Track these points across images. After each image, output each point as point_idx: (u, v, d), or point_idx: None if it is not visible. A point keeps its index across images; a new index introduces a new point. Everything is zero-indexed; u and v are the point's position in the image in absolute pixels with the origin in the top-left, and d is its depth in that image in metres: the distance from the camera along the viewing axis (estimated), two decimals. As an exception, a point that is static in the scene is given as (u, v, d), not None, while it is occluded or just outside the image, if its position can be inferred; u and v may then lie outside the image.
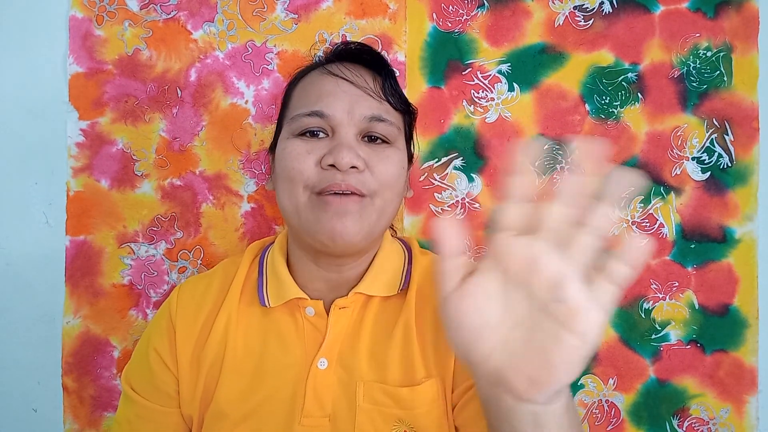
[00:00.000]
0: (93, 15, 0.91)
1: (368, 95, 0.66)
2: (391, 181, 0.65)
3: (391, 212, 0.67)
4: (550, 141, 0.92)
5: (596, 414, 0.91)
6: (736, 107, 0.91)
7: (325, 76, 0.68)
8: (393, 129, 0.67)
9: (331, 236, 0.62)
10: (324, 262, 0.68)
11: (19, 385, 0.92)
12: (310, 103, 0.66)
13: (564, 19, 0.92)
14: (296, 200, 0.64)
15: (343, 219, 0.62)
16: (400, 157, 0.67)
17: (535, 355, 0.39)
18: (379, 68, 0.69)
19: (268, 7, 0.92)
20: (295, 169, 0.64)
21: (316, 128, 0.65)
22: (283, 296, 0.68)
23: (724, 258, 0.91)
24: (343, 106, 0.65)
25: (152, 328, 0.72)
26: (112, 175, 0.92)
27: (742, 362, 0.90)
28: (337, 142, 0.64)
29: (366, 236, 0.64)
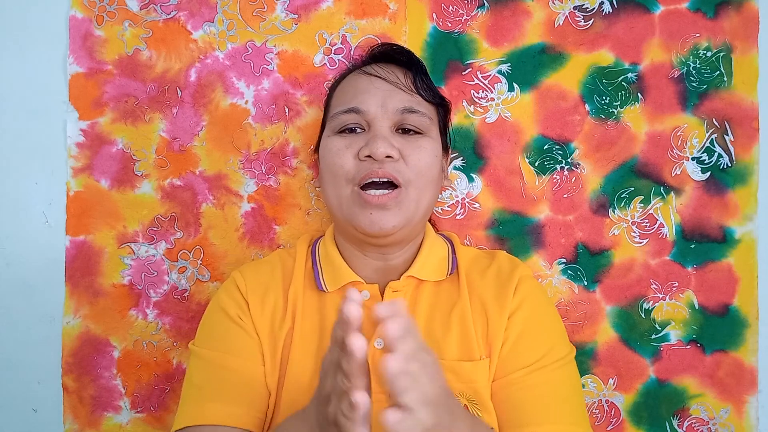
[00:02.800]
0: (93, 15, 0.91)
1: (400, 89, 0.71)
2: (425, 170, 0.70)
3: (429, 200, 0.72)
4: (550, 141, 0.92)
5: (596, 414, 0.91)
6: (736, 107, 0.91)
7: (360, 75, 0.74)
8: (425, 120, 0.71)
9: (371, 229, 0.67)
10: (370, 251, 0.73)
11: (19, 385, 0.92)
12: (347, 101, 0.72)
13: (564, 19, 0.92)
14: (340, 194, 0.70)
15: (382, 213, 0.67)
16: (433, 146, 0.71)
17: None
18: (410, 64, 0.74)
19: (268, 7, 0.92)
20: (337, 164, 0.69)
21: (353, 124, 0.71)
22: (339, 281, 0.72)
23: (724, 258, 0.91)
24: (376, 101, 0.70)
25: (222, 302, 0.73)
26: (112, 175, 0.92)
27: (742, 362, 0.90)
28: (372, 134, 0.69)
29: (405, 225, 0.69)
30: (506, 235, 0.92)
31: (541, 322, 0.71)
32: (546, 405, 0.65)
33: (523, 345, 0.69)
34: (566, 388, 0.68)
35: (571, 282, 0.92)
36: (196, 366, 0.70)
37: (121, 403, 0.91)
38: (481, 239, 0.92)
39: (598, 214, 0.92)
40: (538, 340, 0.69)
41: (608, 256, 0.91)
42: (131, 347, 0.91)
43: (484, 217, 0.92)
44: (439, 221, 0.92)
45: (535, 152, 0.92)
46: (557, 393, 0.67)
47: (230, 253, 0.92)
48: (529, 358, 0.68)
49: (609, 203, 0.92)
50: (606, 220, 0.92)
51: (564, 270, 0.92)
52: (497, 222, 0.92)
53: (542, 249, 0.92)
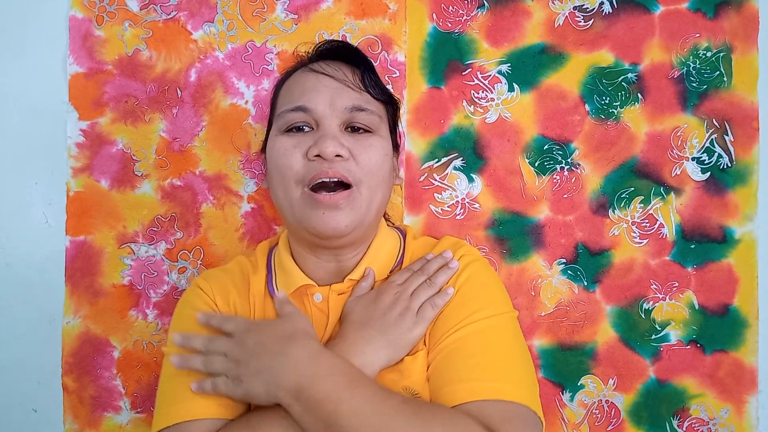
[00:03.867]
0: (93, 15, 0.91)
1: (348, 87, 0.70)
2: (375, 169, 0.69)
3: (380, 200, 0.71)
4: (550, 141, 0.92)
5: (596, 414, 0.91)
6: (736, 107, 0.91)
7: (306, 73, 0.72)
8: (374, 118, 0.70)
9: (324, 229, 0.66)
10: (322, 253, 0.72)
11: (19, 385, 0.92)
12: (294, 100, 0.70)
13: (564, 19, 0.92)
14: (290, 195, 0.68)
15: (334, 213, 0.66)
16: (383, 144, 0.71)
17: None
18: (357, 62, 0.73)
19: (268, 8, 0.92)
20: (285, 164, 0.68)
21: (301, 123, 0.69)
22: (291, 285, 0.71)
23: (724, 258, 0.91)
24: (324, 100, 0.69)
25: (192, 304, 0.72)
26: (112, 175, 0.92)
27: (742, 362, 0.90)
28: (321, 133, 0.68)
29: (357, 226, 0.68)
30: (506, 236, 0.92)
31: (470, 289, 0.69)
32: (465, 362, 0.63)
33: (448, 312, 0.67)
34: (494, 344, 0.64)
35: (571, 282, 0.92)
36: (167, 364, 0.69)
37: (121, 403, 0.91)
38: (481, 239, 0.92)
39: (598, 215, 0.92)
40: (464, 304, 0.67)
41: (608, 257, 0.91)
42: (131, 347, 0.91)
43: (484, 217, 0.92)
44: (440, 221, 0.92)
45: (535, 152, 0.92)
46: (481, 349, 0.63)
47: (230, 253, 0.92)
48: (453, 320, 0.66)
49: (609, 203, 0.92)
50: (606, 220, 0.92)
51: (564, 270, 0.92)
52: (497, 222, 0.92)
53: (542, 249, 0.92)
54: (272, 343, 0.61)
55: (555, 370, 0.91)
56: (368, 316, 0.66)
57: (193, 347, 0.65)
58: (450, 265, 0.70)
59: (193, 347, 0.65)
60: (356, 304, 0.69)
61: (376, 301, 0.68)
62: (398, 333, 0.65)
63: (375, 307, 0.67)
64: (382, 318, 0.65)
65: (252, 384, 0.60)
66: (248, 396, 0.61)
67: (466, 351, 0.64)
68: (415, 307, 0.66)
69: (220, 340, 0.64)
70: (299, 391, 0.57)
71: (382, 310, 0.66)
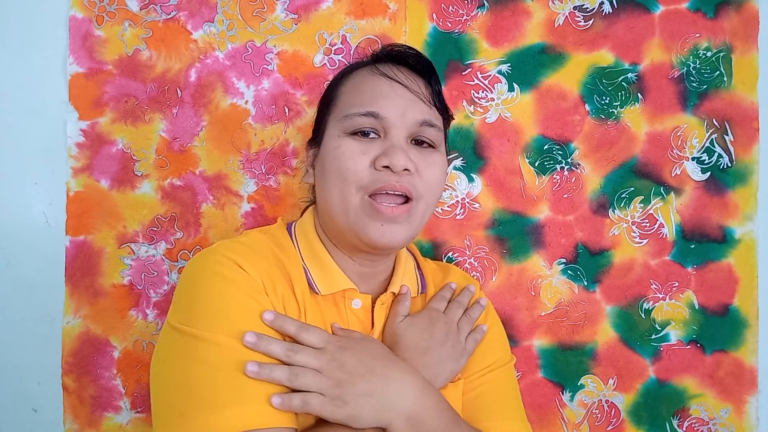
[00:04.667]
0: (93, 15, 0.91)
1: (420, 100, 0.68)
2: (436, 186, 0.69)
3: (430, 215, 0.71)
4: (550, 141, 0.92)
5: (596, 414, 0.91)
6: (736, 107, 0.91)
7: (378, 77, 0.69)
8: (439, 134, 0.70)
9: (381, 242, 0.65)
10: (360, 257, 0.71)
11: (19, 386, 0.92)
12: (365, 103, 0.67)
13: (564, 19, 0.92)
14: (347, 200, 0.65)
15: (392, 227, 0.65)
16: (443, 161, 0.71)
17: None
18: (429, 74, 0.71)
19: (268, 7, 0.92)
20: (350, 169, 0.65)
21: (369, 128, 0.67)
22: (334, 286, 0.69)
23: (724, 258, 0.91)
24: (397, 109, 0.66)
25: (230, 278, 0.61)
26: (112, 175, 0.92)
27: (742, 362, 0.90)
28: (390, 143, 0.66)
29: (410, 240, 0.68)
30: (506, 235, 0.92)
31: (498, 332, 0.78)
32: (496, 403, 0.71)
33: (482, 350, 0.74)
34: (512, 389, 0.75)
35: (571, 282, 0.92)
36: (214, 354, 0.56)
37: (121, 403, 0.91)
38: (481, 239, 0.92)
39: (598, 214, 0.92)
40: (494, 346, 0.76)
41: (608, 256, 0.91)
42: (131, 347, 0.91)
43: (484, 217, 0.92)
44: (439, 221, 0.92)
45: (535, 152, 0.92)
46: (506, 392, 0.73)
47: (230, 253, 0.92)
48: (487, 360, 0.73)
49: (609, 203, 0.92)
50: (606, 220, 0.92)
51: (564, 270, 0.92)
52: (497, 222, 0.92)
53: (542, 249, 0.92)
54: (377, 365, 0.60)
55: (555, 370, 0.91)
56: (426, 343, 0.68)
57: (271, 354, 0.58)
58: (480, 302, 0.77)
59: (271, 354, 0.58)
60: (411, 327, 0.69)
61: (431, 329, 0.70)
62: (450, 364, 0.68)
63: (431, 336, 0.69)
64: (440, 348, 0.68)
65: (360, 407, 0.57)
66: (351, 419, 0.57)
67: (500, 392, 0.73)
68: (463, 340, 0.71)
69: (308, 352, 0.59)
70: (416, 421, 0.59)
71: (439, 341, 0.69)
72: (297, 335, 0.60)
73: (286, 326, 0.60)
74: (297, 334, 0.60)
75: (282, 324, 0.60)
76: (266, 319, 0.60)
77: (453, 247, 0.92)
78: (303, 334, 0.60)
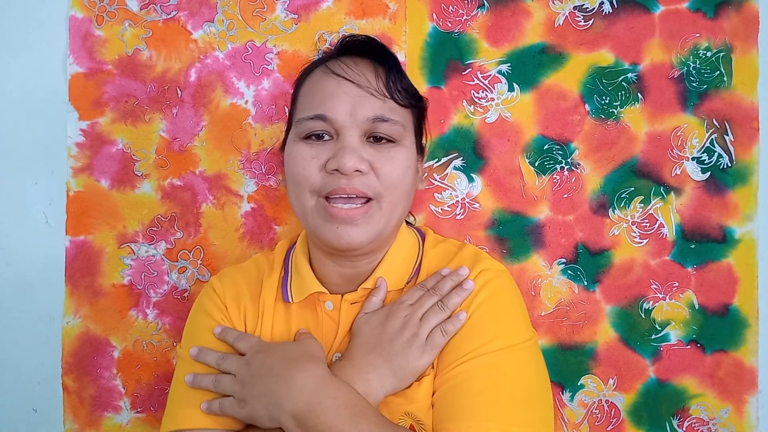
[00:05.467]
0: (93, 15, 0.91)
1: (371, 95, 0.65)
2: (397, 182, 0.66)
3: (402, 210, 0.68)
4: (550, 141, 0.92)
5: (596, 414, 0.91)
6: (736, 107, 0.91)
7: (327, 76, 0.67)
8: (398, 128, 0.66)
9: (339, 244, 0.64)
10: (338, 258, 0.70)
11: (19, 385, 0.92)
12: (314, 106, 0.66)
13: (564, 19, 0.92)
14: (303, 204, 0.67)
15: (349, 228, 0.64)
16: (405, 155, 0.67)
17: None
18: (383, 62, 0.68)
19: (268, 7, 0.92)
20: (301, 174, 0.66)
21: (320, 131, 0.66)
22: (304, 291, 0.70)
23: (724, 258, 0.91)
24: (345, 109, 0.65)
25: (205, 306, 0.73)
26: (112, 175, 0.92)
27: (742, 362, 0.90)
28: (340, 145, 0.64)
29: (374, 239, 0.66)
30: (506, 235, 0.92)
31: (484, 315, 0.64)
32: (470, 399, 0.59)
33: (459, 338, 0.63)
34: (504, 380, 0.60)
35: (571, 282, 0.92)
36: (184, 369, 0.69)
37: (121, 403, 0.91)
38: (481, 239, 0.92)
39: (598, 214, 0.92)
40: (475, 333, 0.63)
41: (608, 256, 0.91)
42: (131, 347, 0.91)
43: (484, 217, 0.92)
44: (439, 221, 0.92)
45: (535, 152, 0.92)
46: (481, 386, 0.60)
47: (230, 253, 0.92)
48: (462, 349, 0.62)
49: (609, 203, 0.92)
50: (606, 220, 0.92)
51: (564, 270, 0.92)
52: (497, 222, 0.92)
53: (542, 249, 0.92)
54: (278, 365, 0.61)
55: (555, 370, 0.91)
56: (376, 340, 0.63)
57: (207, 363, 0.67)
58: (464, 285, 0.66)
59: (207, 363, 0.67)
60: (365, 323, 0.66)
61: (385, 323, 0.64)
62: (404, 362, 0.62)
63: (383, 331, 0.64)
64: (389, 344, 0.62)
65: (255, 407, 0.60)
66: (251, 418, 0.61)
67: (472, 386, 0.60)
68: (423, 333, 0.63)
69: (231, 359, 0.65)
70: (302, 419, 0.57)
71: (390, 336, 0.63)
72: (234, 344, 0.67)
73: (227, 337, 0.68)
74: (234, 343, 0.68)
75: (225, 335, 0.69)
76: (215, 333, 0.69)
77: (453, 247, 0.92)
78: (237, 343, 0.67)
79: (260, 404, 0.60)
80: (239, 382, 0.62)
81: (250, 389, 0.61)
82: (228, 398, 0.63)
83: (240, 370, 0.63)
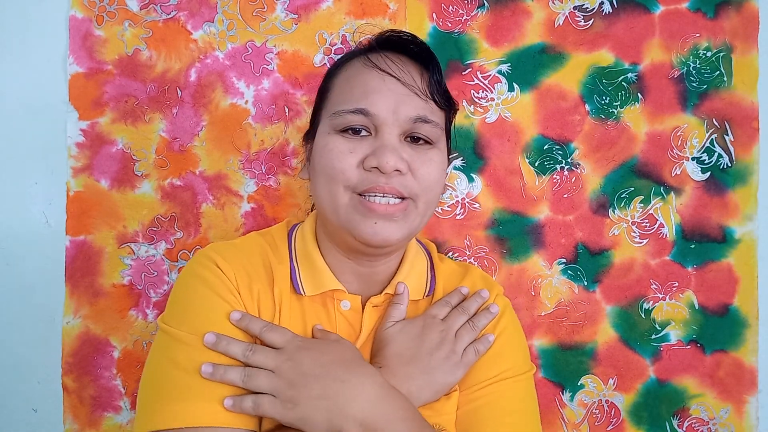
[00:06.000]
0: (93, 15, 0.91)
1: (414, 94, 0.64)
2: (433, 185, 0.65)
3: (431, 213, 0.68)
4: (550, 141, 0.92)
5: (596, 414, 0.91)
6: (736, 107, 0.91)
7: (369, 69, 0.65)
8: (437, 130, 0.65)
9: (375, 240, 0.62)
10: (357, 257, 0.68)
11: (19, 385, 0.92)
12: (354, 100, 0.63)
13: (564, 19, 0.92)
14: (336, 199, 0.63)
15: (387, 224, 0.62)
16: (441, 158, 0.66)
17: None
18: (427, 62, 0.66)
19: (268, 7, 0.92)
20: (337, 168, 0.62)
21: (359, 126, 0.63)
22: (320, 286, 0.67)
23: (724, 258, 0.91)
24: (388, 106, 0.63)
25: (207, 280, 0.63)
26: (112, 175, 0.92)
27: (742, 362, 0.90)
28: (380, 143, 0.62)
29: (408, 238, 0.65)
30: (506, 235, 0.92)
31: (508, 340, 0.70)
32: (493, 419, 0.64)
33: (486, 360, 0.67)
34: (520, 404, 0.67)
35: (571, 282, 0.92)
36: (187, 355, 0.59)
37: (121, 403, 0.91)
38: (481, 239, 0.92)
39: (598, 214, 0.92)
40: (501, 356, 0.68)
41: (608, 256, 0.91)
42: (131, 347, 0.91)
43: (484, 217, 0.92)
44: (439, 221, 0.92)
45: (535, 152, 0.92)
46: (508, 407, 0.65)
47: (230, 253, 0.92)
48: (491, 371, 0.67)
49: (609, 203, 0.92)
50: (606, 220, 0.92)
51: (564, 270, 0.92)
52: (497, 222, 0.92)
53: (542, 249, 0.92)
54: (337, 367, 0.58)
55: (555, 370, 0.91)
56: (413, 352, 0.64)
57: (228, 353, 0.58)
58: (491, 309, 0.70)
59: (228, 353, 0.58)
60: (400, 332, 0.65)
61: (422, 336, 0.65)
62: (441, 376, 0.63)
63: (421, 344, 0.64)
64: (428, 358, 0.64)
65: (311, 410, 0.55)
66: (302, 422, 0.55)
67: (502, 407, 0.65)
68: (459, 350, 0.65)
69: (266, 352, 0.59)
70: (371, 428, 0.55)
71: (428, 350, 0.64)
72: (261, 335, 0.60)
73: (252, 326, 0.61)
74: (261, 333, 0.60)
75: (248, 324, 0.61)
76: (233, 319, 0.61)
77: (453, 247, 0.92)
78: (267, 334, 0.60)
79: (319, 408, 0.55)
80: (284, 380, 0.57)
81: (302, 390, 0.56)
82: (265, 396, 0.56)
83: (282, 366, 0.57)
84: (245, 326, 0.61)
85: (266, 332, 0.60)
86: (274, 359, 0.58)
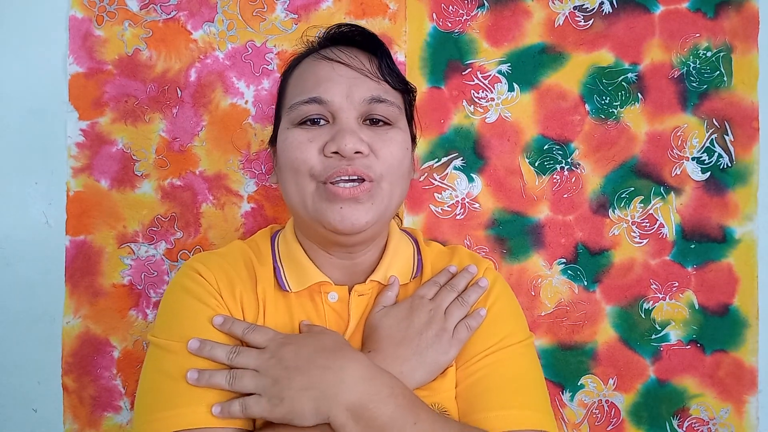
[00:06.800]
0: (93, 15, 0.91)
1: (366, 77, 0.65)
2: (396, 163, 0.65)
3: (400, 194, 0.67)
4: (550, 141, 0.92)
5: (596, 414, 0.91)
6: (736, 107, 0.91)
7: (320, 61, 0.66)
8: (394, 109, 0.66)
9: (343, 225, 0.62)
10: (335, 249, 0.68)
11: (19, 385, 0.92)
12: (307, 90, 0.65)
13: (564, 19, 0.92)
14: (303, 190, 0.64)
15: (353, 208, 0.62)
16: (403, 137, 0.66)
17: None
18: (374, 48, 0.68)
19: (268, 7, 0.92)
20: (299, 158, 0.63)
21: (316, 115, 0.64)
22: (305, 281, 0.67)
23: (724, 258, 0.91)
24: (341, 90, 0.64)
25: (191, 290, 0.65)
26: (112, 175, 0.92)
27: (742, 362, 0.90)
28: (338, 128, 0.63)
29: (378, 222, 0.64)
30: (506, 235, 0.92)
31: (501, 311, 0.69)
32: (495, 390, 0.63)
33: (480, 333, 0.67)
34: (522, 371, 0.65)
35: (571, 282, 0.92)
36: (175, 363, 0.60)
37: (121, 403, 0.91)
38: (481, 239, 0.92)
39: (598, 214, 0.92)
40: (497, 325, 0.67)
41: (608, 256, 0.91)
42: (131, 347, 0.91)
43: (484, 217, 0.92)
44: (439, 221, 0.92)
45: (535, 152, 0.92)
46: (510, 376, 0.64)
47: (230, 253, 0.92)
48: (485, 342, 0.66)
49: (609, 203, 0.92)
50: (606, 220, 0.92)
51: (564, 270, 0.92)
52: (497, 222, 0.92)
53: (542, 249, 0.92)
54: (320, 356, 0.57)
55: (555, 370, 0.91)
56: (402, 333, 0.64)
57: (213, 358, 0.59)
58: (480, 283, 0.69)
59: (213, 358, 0.59)
60: (385, 316, 0.66)
61: (411, 317, 0.65)
62: (434, 355, 0.63)
63: (410, 325, 0.64)
64: (419, 338, 0.63)
65: (298, 402, 0.55)
66: (290, 416, 0.55)
67: (502, 376, 0.64)
68: (450, 327, 0.65)
69: (248, 353, 0.59)
70: (359, 411, 0.55)
71: (418, 330, 0.64)
72: (244, 337, 0.61)
73: (234, 329, 0.62)
74: (244, 335, 0.61)
75: (231, 327, 0.62)
76: (216, 323, 0.62)
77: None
78: (249, 335, 0.61)
79: (305, 398, 0.55)
80: (268, 378, 0.57)
81: (287, 384, 0.56)
82: (252, 397, 0.57)
83: (265, 365, 0.58)
84: (228, 329, 0.62)
85: (249, 333, 0.61)
86: (256, 359, 0.59)
